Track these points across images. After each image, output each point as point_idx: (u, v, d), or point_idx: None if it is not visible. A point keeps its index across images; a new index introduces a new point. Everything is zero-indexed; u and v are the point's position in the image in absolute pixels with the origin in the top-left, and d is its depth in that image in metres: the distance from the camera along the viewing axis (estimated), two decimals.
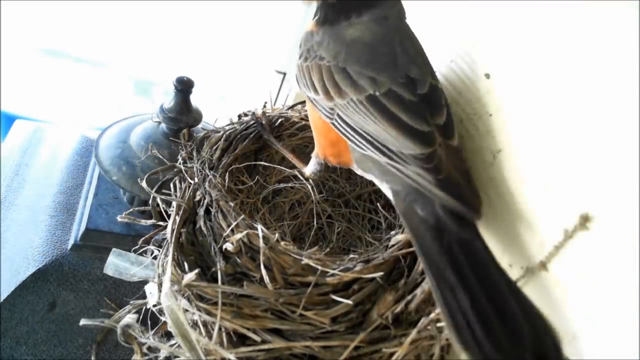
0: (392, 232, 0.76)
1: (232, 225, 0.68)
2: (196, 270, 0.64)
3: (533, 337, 0.45)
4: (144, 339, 0.69)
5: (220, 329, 0.61)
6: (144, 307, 0.73)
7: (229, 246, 0.65)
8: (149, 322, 0.71)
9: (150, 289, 0.71)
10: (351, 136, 0.65)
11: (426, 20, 0.85)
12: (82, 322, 0.74)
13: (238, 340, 0.62)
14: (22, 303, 0.86)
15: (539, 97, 0.60)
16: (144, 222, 0.80)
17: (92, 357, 0.90)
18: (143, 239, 0.77)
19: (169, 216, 0.74)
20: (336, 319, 0.62)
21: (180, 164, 0.84)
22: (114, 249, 0.76)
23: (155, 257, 0.73)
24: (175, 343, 0.63)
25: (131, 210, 0.83)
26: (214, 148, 0.87)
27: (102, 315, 0.80)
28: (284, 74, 1.22)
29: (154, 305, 0.68)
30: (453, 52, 0.78)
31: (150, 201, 0.80)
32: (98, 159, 0.92)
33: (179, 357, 0.63)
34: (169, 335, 0.68)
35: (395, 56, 0.67)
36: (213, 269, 0.67)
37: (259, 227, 0.66)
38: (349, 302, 0.61)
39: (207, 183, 0.77)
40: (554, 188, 0.57)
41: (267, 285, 0.62)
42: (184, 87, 0.90)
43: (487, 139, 0.69)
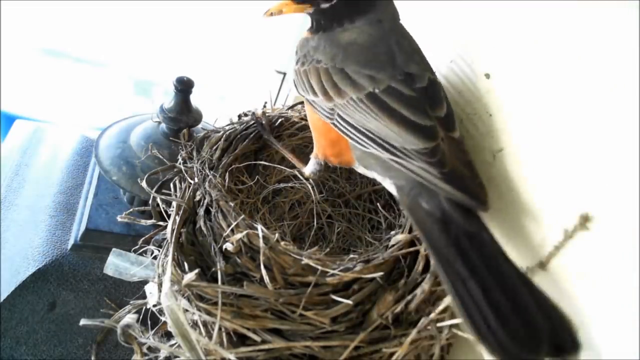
0: (392, 232, 0.76)
1: (232, 225, 0.68)
2: (196, 270, 0.64)
3: (549, 327, 0.45)
4: (144, 339, 0.69)
5: (220, 329, 0.61)
6: (144, 307, 0.73)
7: (229, 246, 0.65)
8: (149, 322, 0.71)
9: (150, 289, 0.71)
10: (353, 135, 0.65)
11: (426, 20, 0.85)
12: (82, 322, 0.74)
13: (238, 340, 0.62)
14: (22, 303, 0.86)
15: (539, 97, 0.60)
16: (144, 222, 0.80)
17: (92, 357, 0.90)
18: (143, 239, 0.77)
19: (169, 216, 0.74)
20: (336, 319, 0.62)
21: (180, 164, 0.84)
22: (114, 249, 0.76)
23: (155, 257, 0.73)
24: (175, 343, 0.63)
25: (131, 210, 0.83)
26: (214, 148, 0.87)
27: (102, 315, 0.80)
28: (284, 74, 1.22)
29: (154, 305, 0.68)
30: (453, 52, 0.78)
31: (150, 201, 0.80)
32: (98, 159, 0.92)
33: (179, 357, 0.63)
34: (169, 335, 0.68)
35: (393, 55, 0.67)
36: (213, 269, 0.67)
37: (259, 227, 0.66)
38: (349, 302, 0.61)
39: (207, 183, 0.77)
40: (554, 188, 0.57)
41: (267, 285, 0.62)
42: (184, 87, 0.90)
43: (487, 139, 0.69)
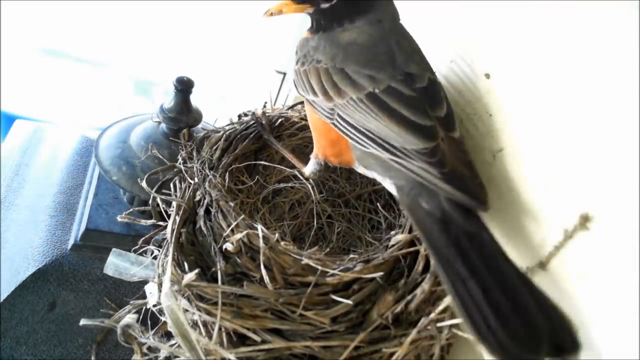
0: (392, 232, 0.76)
1: (232, 225, 0.68)
2: (196, 270, 0.64)
3: (549, 327, 0.45)
4: (144, 339, 0.69)
5: (220, 329, 0.61)
6: (144, 307, 0.73)
7: (229, 246, 0.65)
8: (149, 322, 0.71)
9: (150, 289, 0.71)
10: (353, 135, 0.65)
11: (426, 20, 0.85)
12: (82, 322, 0.74)
13: (238, 340, 0.62)
14: (22, 303, 0.86)
15: (539, 97, 0.60)
16: (144, 222, 0.80)
17: (92, 357, 0.90)
18: (143, 239, 0.77)
19: (169, 216, 0.74)
20: (336, 319, 0.62)
21: (180, 164, 0.84)
22: (114, 249, 0.76)
23: (155, 257, 0.73)
24: (175, 343, 0.63)
25: (131, 210, 0.83)
26: (214, 148, 0.87)
27: (102, 315, 0.80)
28: (284, 74, 1.22)
29: (154, 305, 0.68)
30: (453, 52, 0.78)
31: (150, 201, 0.80)
32: (98, 159, 0.92)
33: (179, 357, 0.63)
34: (169, 335, 0.68)
35: (393, 55, 0.67)
36: (213, 269, 0.67)
37: (259, 227, 0.66)
38: (349, 302, 0.61)
39: (207, 183, 0.77)
40: (554, 188, 0.57)
41: (267, 285, 0.62)
42: (184, 87, 0.90)
43: (487, 139, 0.69)
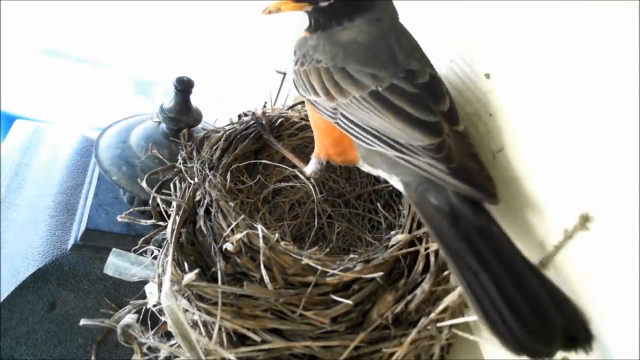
0: (392, 232, 0.76)
1: (232, 225, 0.68)
2: (196, 270, 0.64)
3: (562, 319, 0.45)
4: (144, 339, 0.69)
5: (220, 329, 0.61)
6: (144, 307, 0.73)
7: (229, 246, 0.65)
8: (149, 322, 0.71)
9: (150, 289, 0.71)
10: (357, 133, 0.65)
11: (426, 20, 0.85)
12: (82, 322, 0.74)
13: (238, 340, 0.62)
14: (22, 303, 0.86)
15: (539, 97, 0.60)
16: (144, 222, 0.80)
17: (92, 357, 0.90)
18: (143, 239, 0.77)
19: (169, 216, 0.74)
20: (336, 319, 0.62)
21: (180, 164, 0.84)
22: (114, 249, 0.76)
23: (155, 257, 0.73)
24: (175, 343, 0.63)
25: (131, 210, 0.83)
26: (214, 148, 0.87)
27: (102, 315, 0.80)
28: (284, 74, 1.22)
29: (154, 305, 0.68)
30: (453, 52, 0.78)
31: (150, 201, 0.80)
32: (98, 159, 0.92)
33: (179, 357, 0.63)
34: (169, 335, 0.68)
35: (393, 53, 0.67)
36: (213, 269, 0.67)
37: (259, 227, 0.66)
38: (349, 302, 0.61)
39: (207, 183, 0.77)
40: (554, 188, 0.57)
41: (267, 285, 0.62)
42: (184, 87, 0.90)
43: (487, 139, 0.69)
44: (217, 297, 0.61)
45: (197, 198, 0.76)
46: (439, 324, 0.61)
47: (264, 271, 0.62)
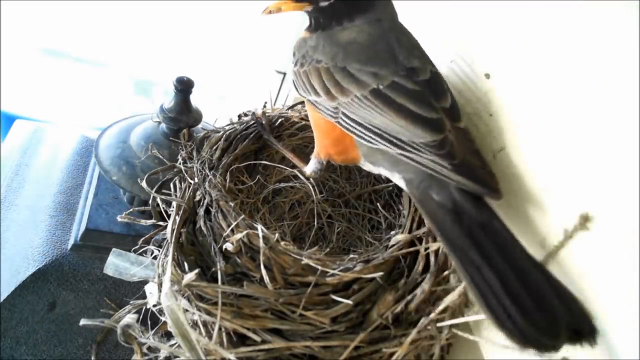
0: (392, 232, 0.76)
1: (232, 225, 0.68)
2: (196, 270, 0.64)
3: (566, 313, 0.45)
4: (144, 339, 0.69)
5: (220, 329, 0.61)
6: (144, 307, 0.73)
7: (229, 246, 0.65)
8: (149, 322, 0.71)
9: (150, 289, 0.71)
10: (359, 132, 0.65)
11: (426, 20, 0.85)
12: (82, 322, 0.74)
13: (238, 340, 0.62)
14: (22, 303, 0.86)
15: (540, 97, 0.60)
16: (144, 222, 0.80)
17: (92, 357, 0.90)
18: (143, 239, 0.77)
19: (169, 216, 0.74)
20: (336, 319, 0.62)
21: (180, 164, 0.84)
22: (114, 249, 0.76)
23: (155, 257, 0.73)
24: (175, 343, 0.63)
25: (131, 210, 0.83)
26: (214, 148, 0.87)
27: (102, 315, 0.80)
28: (284, 74, 1.23)
29: (154, 305, 0.68)
30: (453, 52, 0.78)
31: (150, 201, 0.80)
32: (98, 159, 0.92)
33: (179, 357, 0.63)
34: (169, 335, 0.68)
35: (393, 51, 0.67)
36: (213, 269, 0.67)
37: (259, 227, 0.66)
38: (349, 302, 0.61)
39: (207, 183, 0.77)
40: (554, 188, 0.57)
41: (267, 285, 0.62)
42: (184, 87, 0.90)
43: (488, 139, 0.69)
44: (217, 297, 0.61)
45: (197, 198, 0.76)
46: (439, 324, 0.61)
47: (264, 271, 0.62)
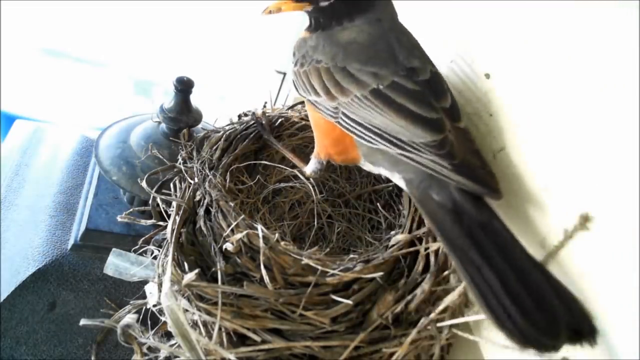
0: (392, 232, 0.76)
1: (232, 225, 0.68)
2: (196, 270, 0.64)
3: (566, 312, 0.45)
4: (144, 339, 0.69)
5: (220, 329, 0.61)
6: (144, 307, 0.73)
7: (229, 246, 0.65)
8: (149, 322, 0.71)
9: (150, 289, 0.71)
10: (359, 132, 0.65)
11: (426, 20, 0.85)
12: (82, 322, 0.74)
13: (238, 340, 0.62)
14: (22, 303, 0.86)
15: (540, 97, 0.60)
16: (144, 222, 0.80)
17: (92, 357, 0.90)
18: (143, 239, 0.77)
19: (169, 216, 0.74)
20: (336, 319, 0.62)
21: (180, 164, 0.84)
22: (114, 249, 0.76)
23: (155, 257, 0.73)
24: (175, 343, 0.63)
25: (131, 210, 0.83)
26: (214, 148, 0.87)
27: (102, 315, 0.80)
28: (284, 74, 1.23)
29: (154, 305, 0.68)
30: (453, 52, 0.78)
31: (150, 201, 0.80)
32: (98, 159, 0.92)
33: (179, 357, 0.63)
34: (169, 335, 0.68)
35: (393, 51, 0.67)
36: (213, 269, 0.67)
37: (259, 227, 0.66)
38: (349, 302, 0.61)
39: (207, 183, 0.77)
40: (554, 188, 0.57)
41: (267, 285, 0.62)
42: (184, 87, 0.90)
43: (488, 139, 0.69)
44: (217, 297, 0.61)
45: (197, 198, 0.76)
46: (439, 324, 0.61)
47: (264, 271, 0.62)
